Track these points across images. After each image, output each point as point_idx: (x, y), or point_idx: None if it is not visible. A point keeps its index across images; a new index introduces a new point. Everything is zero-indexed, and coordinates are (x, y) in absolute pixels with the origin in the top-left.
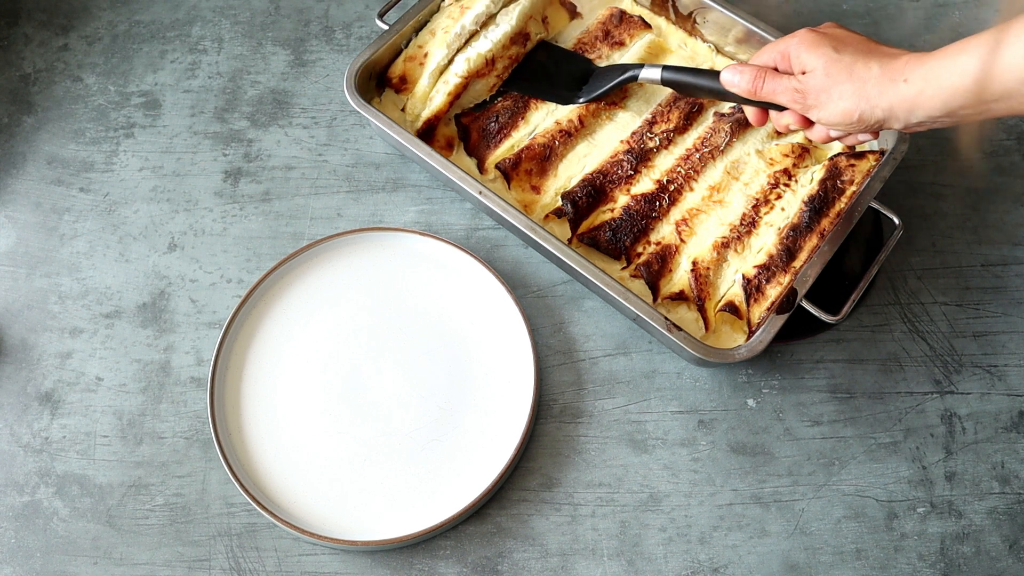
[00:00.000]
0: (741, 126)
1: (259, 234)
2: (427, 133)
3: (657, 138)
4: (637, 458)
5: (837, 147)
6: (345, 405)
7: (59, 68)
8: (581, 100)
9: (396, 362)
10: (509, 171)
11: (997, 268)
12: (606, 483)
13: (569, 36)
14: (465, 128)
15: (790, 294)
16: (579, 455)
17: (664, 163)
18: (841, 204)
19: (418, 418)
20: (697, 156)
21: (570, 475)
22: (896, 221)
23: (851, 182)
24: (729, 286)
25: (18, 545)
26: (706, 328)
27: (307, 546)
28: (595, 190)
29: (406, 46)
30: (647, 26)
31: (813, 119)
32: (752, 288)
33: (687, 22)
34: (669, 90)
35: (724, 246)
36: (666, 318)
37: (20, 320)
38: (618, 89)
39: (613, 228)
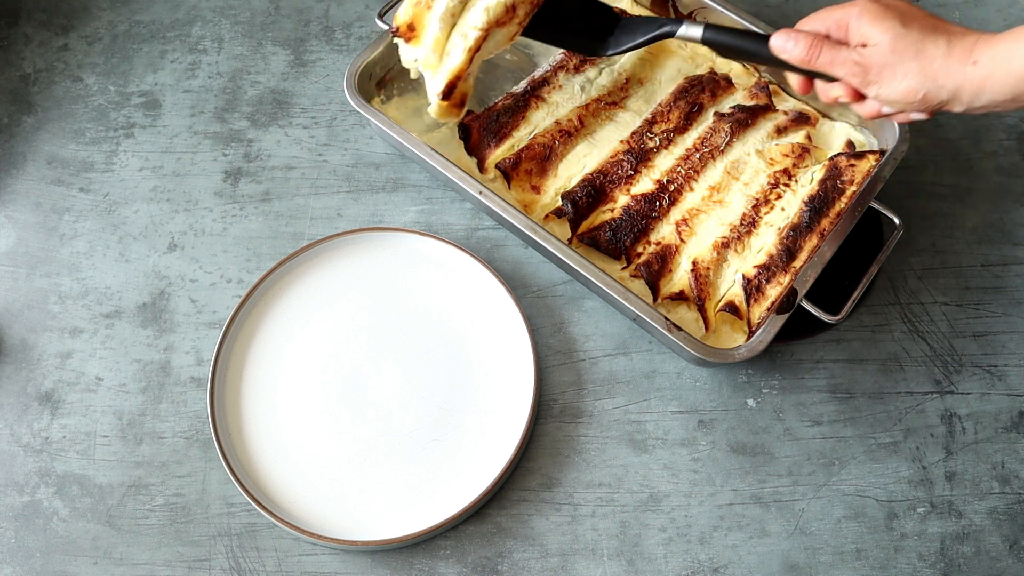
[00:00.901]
0: (741, 126)
1: (259, 234)
2: (447, 93)
3: (657, 138)
4: (637, 458)
5: (837, 147)
6: (345, 405)
7: (59, 68)
8: (610, 52)
9: (396, 362)
10: (509, 171)
11: (997, 268)
12: (606, 483)
13: None
14: (465, 128)
15: (790, 294)
16: (579, 455)
17: (664, 163)
18: (841, 204)
19: (418, 418)
20: (697, 156)
21: (570, 475)
22: (896, 221)
23: (851, 182)
24: (729, 286)
25: (18, 545)
26: (706, 328)
27: (307, 546)
28: (595, 190)
29: None
30: None
31: (870, 95)
32: (752, 288)
33: None
34: (669, 90)
35: (724, 246)
36: (666, 318)
37: (20, 320)
38: (651, 44)
39: (613, 228)
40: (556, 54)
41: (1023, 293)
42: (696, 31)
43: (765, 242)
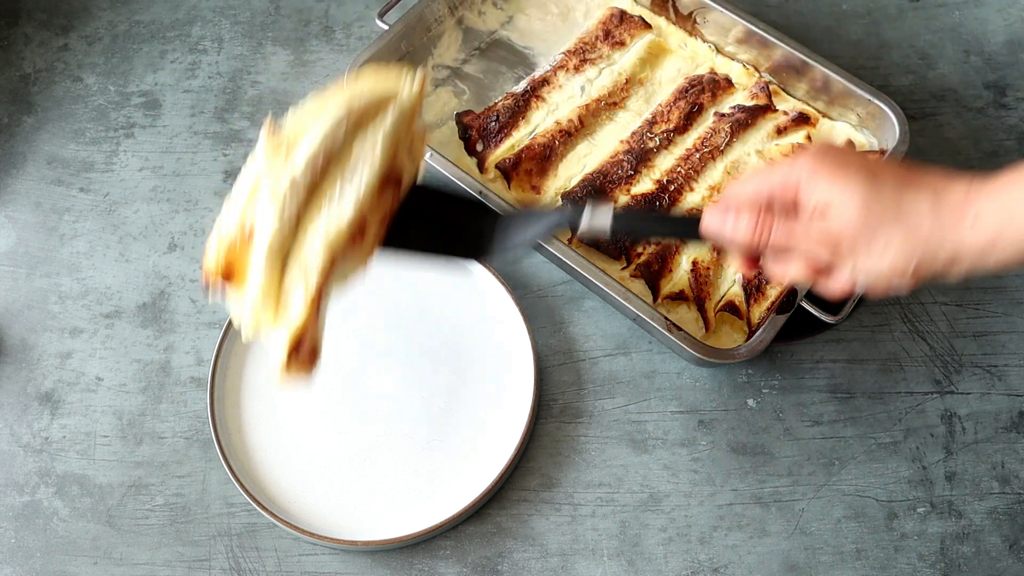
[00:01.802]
0: (741, 126)
1: None
2: (295, 349)
3: (657, 138)
4: (637, 458)
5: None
6: (345, 405)
7: (59, 68)
8: (497, 257)
9: (396, 362)
10: (509, 171)
11: None
12: (606, 483)
13: (569, 38)
14: (465, 128)
15: (790, 294)
16: (579, 455)
17: (664, 163)
18: None
19: (418, 418)
20: (697, 156)
21: (570, 475)
22: None
23: None
24: (729, 286)
25: (18, 545)
26: (706, 328)
27: (307, 546)
28: (595, 190)
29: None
30: (647, 26)
31: (845, 272)
32: (752, 288)
33: (687, 22)
34: (669, 90)
35: None
36: (666, 318)
37: (20, 320)
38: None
39: None
40: (556, 54)
41: (1023, 293)
42: (603, 220)
43: None
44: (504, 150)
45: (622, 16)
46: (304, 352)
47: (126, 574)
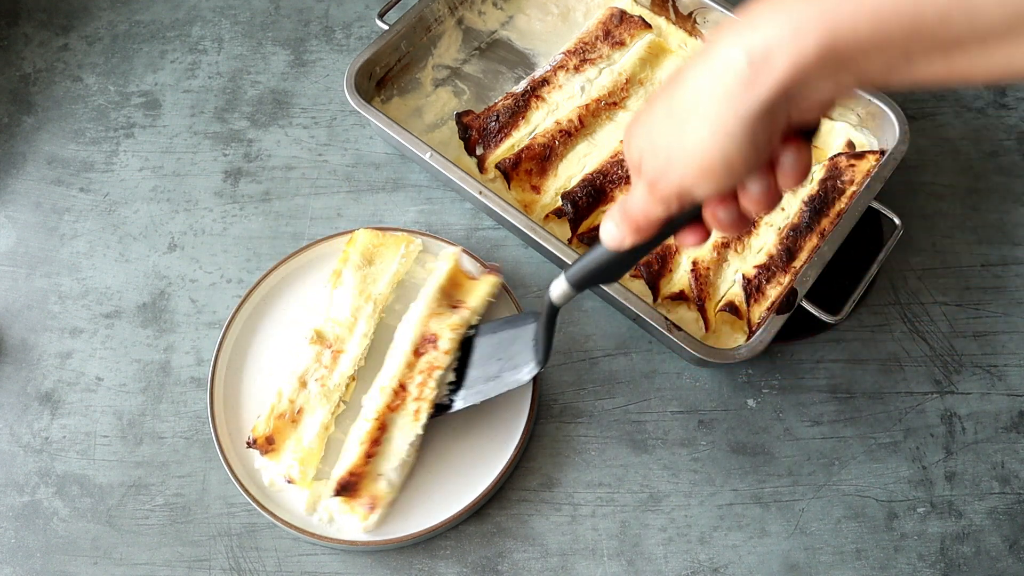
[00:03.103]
0: None
1: (259, 234)
2: (341, 488)
3: None
4: (637, 458)
5: (837, 147)
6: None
7: (59, 68)
8: (541, 367)
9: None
10: (509, 171)
11: (997, 268)
12: (606, 483)
13: (569, 38)
14: (465, 128)
15: (790, 294)
16: (579, 455)
17: None
18: (841, 204)
19: None
20: None
21: (570, 475)
22: (896, 221)
23: (851, 182)
24: (729, 286)
25: (18, 545)
26: (706, 328)
27: (307, 546)
28: (595, 190)
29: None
30: (647, 26)
31: (708, 191)
32: (752, 288)
33: (687, 22)
34: None
35: (724, 246)
36: (666, 318)
37: (20, 320)
38: (554, 327)
39: None
40: (556, 54)
41: (1023, 293)
42: (562, 284)
43: (765, 242)
44: (504, 150)
45: (622, 16)
46: (362, 500)
47: (126, 574)
